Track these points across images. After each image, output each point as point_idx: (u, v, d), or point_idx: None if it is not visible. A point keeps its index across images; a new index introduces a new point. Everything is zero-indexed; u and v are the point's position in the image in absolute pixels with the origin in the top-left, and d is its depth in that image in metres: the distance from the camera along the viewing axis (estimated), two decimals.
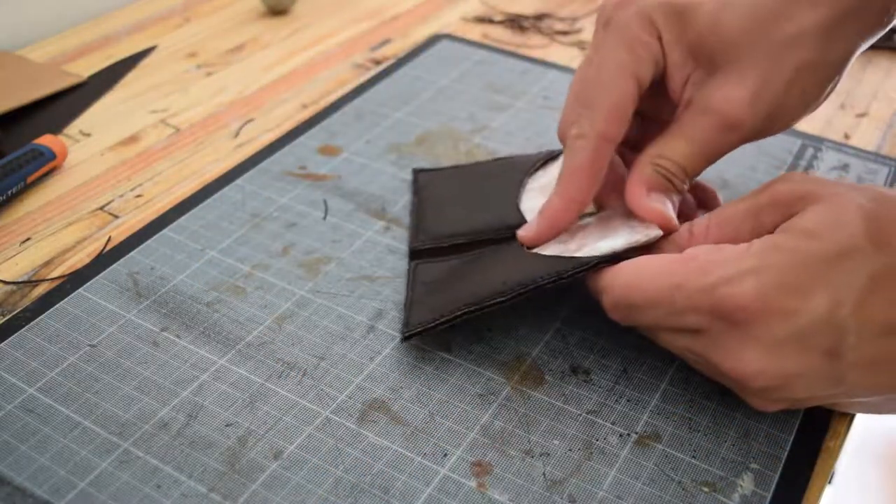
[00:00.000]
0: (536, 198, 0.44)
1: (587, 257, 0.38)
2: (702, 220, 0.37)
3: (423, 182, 0.50)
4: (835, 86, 0.39)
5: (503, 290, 0.38)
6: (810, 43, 0.36)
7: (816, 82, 0.38)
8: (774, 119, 0.38)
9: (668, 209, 0.38)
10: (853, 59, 0.38)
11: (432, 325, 0.38)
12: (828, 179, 0.35)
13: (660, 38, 0.38)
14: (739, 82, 0.37)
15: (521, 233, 0.41)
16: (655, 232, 0.38)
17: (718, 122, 0.37)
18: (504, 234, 0.43)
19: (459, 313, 0.38)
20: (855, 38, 0.38)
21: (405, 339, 0.39)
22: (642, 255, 0.36)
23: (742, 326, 0.32)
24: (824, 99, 0.39)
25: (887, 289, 0.31)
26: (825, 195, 0.33)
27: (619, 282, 0.35)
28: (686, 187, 0.39)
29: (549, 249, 0.40)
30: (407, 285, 0.42)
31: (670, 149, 0.38)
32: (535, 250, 0.40)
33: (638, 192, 0.38)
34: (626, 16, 0.38)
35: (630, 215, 0.39)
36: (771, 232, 0.34)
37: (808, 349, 0.32)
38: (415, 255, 0.44)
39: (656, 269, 0.34)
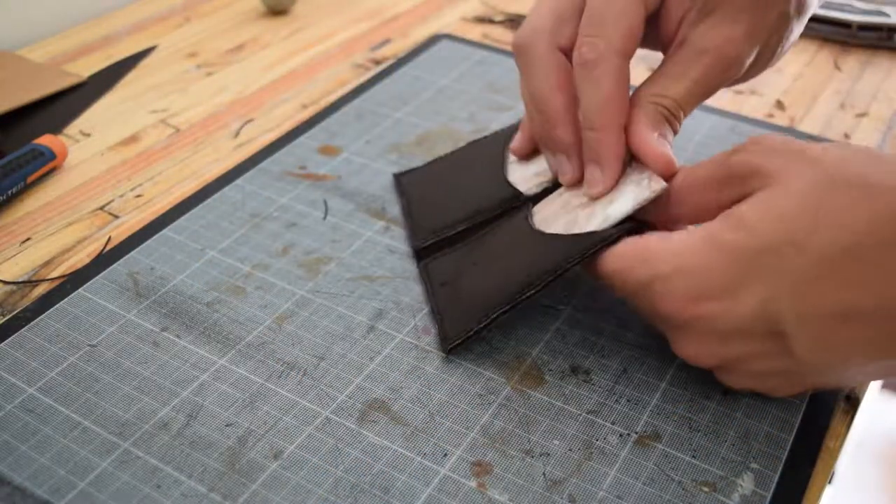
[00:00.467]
0: (522, 168, 0.45)
1: (606, 231, 0.37)
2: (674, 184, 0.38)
3: (406, 183, 0.50)
4: (792, 43, 0.42)
5: (530, 280, 0.38)
6: (788, 3, 0.39)
7: (786, 32, 0.40)
8: (760, 59, 0.40)
9: (671, 152, 0.38)
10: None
11: (472, 332, 0.38)
12: (791, 145, 0.34)
13: None
14: (734, 24, 0.38)
15: (591, 189, 0.39)
16: (661, 185, 0.37)
17: (716, 60, 0.38)
18: (502, 207, 0.43)
19: (495, 315, 0.38)
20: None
21: (449, 352, 0.39)
22: (648, 213, 0.38)
23: (679, 324, 0.34)
24: (783, 53, 0.42)
25: (824, 279, 0.31)
26: (775, 175, 0.33)
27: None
28: (679, 126, 0.40)
29: (559, 223, 0.40)
30: (426, 292, 0.42)
31: (669, 86, 0.39)
32: (543, 228, 0.40)
33: (646, 135, 0.38)
34: None
35: (628, 169, 0.39)
36: (728, 207, 0.34)
37: (748, 336, 0.33)
38: (420, 254, 0.44)
39: (619, 250, 0.36)
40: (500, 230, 0.42)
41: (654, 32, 0.41)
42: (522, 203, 0.43)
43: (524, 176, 0.44)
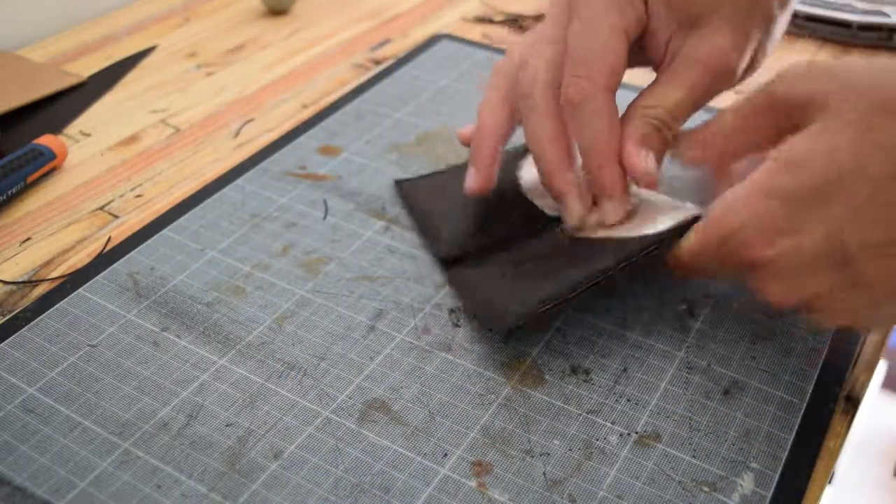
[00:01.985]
0: (538, 186, 0.45)
1: (653, 234, 0.38)
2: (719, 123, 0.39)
3: (412, 191, 0.49)
4: (779, 36, 0.42)
5: (583, 279, 0.38)
6: (771, 3, 0.40)
7: (773, 29, 0.41)
8: (753, 63, 0.41)
9: (653, 167, 0.39)
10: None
11: (536, 310, 0.38)
12: (831, 68, 0.35)
13: (645, 1, 0.40)
14: (722, 35, 0.39)
15: (608, 219, 0.41)
16: (698, 212, 0.39)
17: (707, 70, 0.40)
18: (528, 225, 0.44)
19: (561, 300, 0.38)
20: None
21: (510, 331, 0.40)
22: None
23: (758, 268, 0.35)
24: (773, 48, 0.43)
25: (881, 205, 0.32)
26: (820, 105, 0.34)
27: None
28: (672, 136, 0.40)
29: (599, 237, 0.41)
30: (460, 293, 0.43)
31: (662, 96, 0.40)
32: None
33: (631, 151, 0.39)
34: None
35: (665, 205, 0.41)
36: (777, 139, 0.36)
37: (820, 269, 0.34)
38: (448, 263, 0.44)
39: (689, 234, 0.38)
40: (534, 243, 0.42)
41: (642, 53, 0.42)
42: (548, 220, 0.43)
43: (543, 193, 0.44)
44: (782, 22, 0.42)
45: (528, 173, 0.46)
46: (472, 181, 0.43)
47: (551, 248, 0.42)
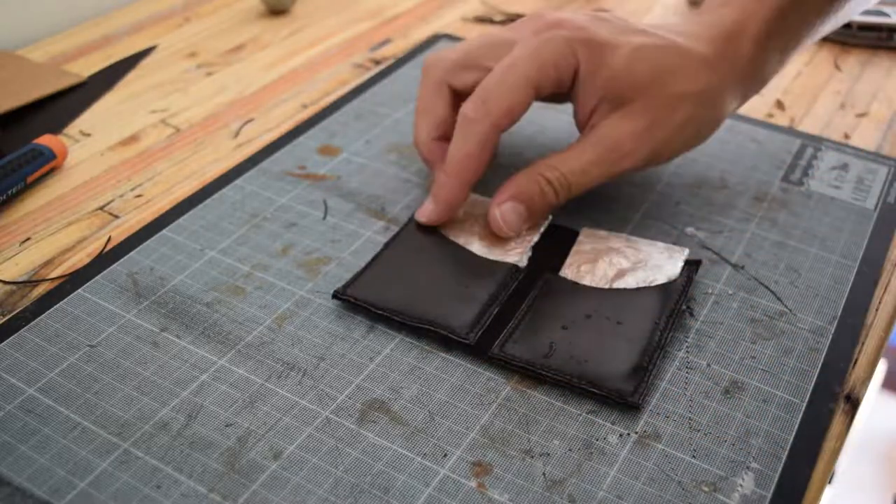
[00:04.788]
0: (487, 247, 0.45)
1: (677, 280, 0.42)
2: None
3: (372, 295, 0.42)
4: (713, 130, 0.47)
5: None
6: (694, 102, 0.44)
7: (696, 132, 0.45)
8: (659, 154, 0.45)
9: (502, 223, 0.44)
10: (732, 113, 0.48)
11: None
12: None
13: (576, 69, 0.44)
14: (635, 120, 0.43)
15: (421, 216, 0.46)
16: (685, 252, 0.44)
17: (611, 149, 0.43)
18: (514, 281, 0.43)
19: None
20: (732, 102, 0.46)
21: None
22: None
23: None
24: (704, 140, 0.46)
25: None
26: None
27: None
28: (561, 200, 0.44)
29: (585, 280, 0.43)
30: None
31: (563, 162, 0.44)
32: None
33: (498, 200, 0.44)
34: (555, 37, 0.43)
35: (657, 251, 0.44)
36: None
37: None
38: (478, 347, 0.40)
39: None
40: (539, 296, 0.42)
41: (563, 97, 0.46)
42: (526, 273, 0.43)
43: (500, 252, 0.44)
44: (716, 120, 0.46)
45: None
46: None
47: (566, 297, 0.42)
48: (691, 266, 0.43)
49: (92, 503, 0.33)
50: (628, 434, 0.36)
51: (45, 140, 0.52)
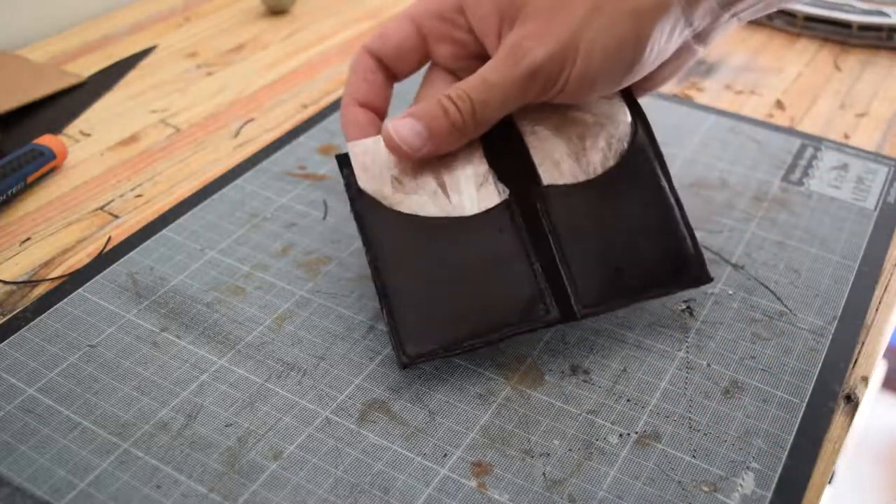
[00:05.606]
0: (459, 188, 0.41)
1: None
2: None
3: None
4: (638, 31, 0.38)
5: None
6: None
7: (609, 24, 0.38)
8: (570, 49, 0.38)
9: (408, 138, 0.40)
10: (652, 38, 0.39)
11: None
12: None
13: (461, 4, 0.42)
14: (531, 21, 0.39)
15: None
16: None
17: (507, 52, 0.39)
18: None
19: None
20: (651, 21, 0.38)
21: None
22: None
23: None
24: (632, 46, 0.38)
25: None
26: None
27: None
28: (467, 119, 0.39)
29: (565, 178, 0.40)
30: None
31: (465, 82, 0.39)
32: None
33: (392, 123, 0.40)
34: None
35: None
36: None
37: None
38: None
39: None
40: (555, 224, 0.40)
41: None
42: (514, 200, 0.40)
43: (465, 196, 0.41)
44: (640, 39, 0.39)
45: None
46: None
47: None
48: (635, 109, 0.42)
49: (92, 503, 0.33)
50: (628, 434, 0.36)
51: (45, 140, 0.52)
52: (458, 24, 0.42)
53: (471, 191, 0.40)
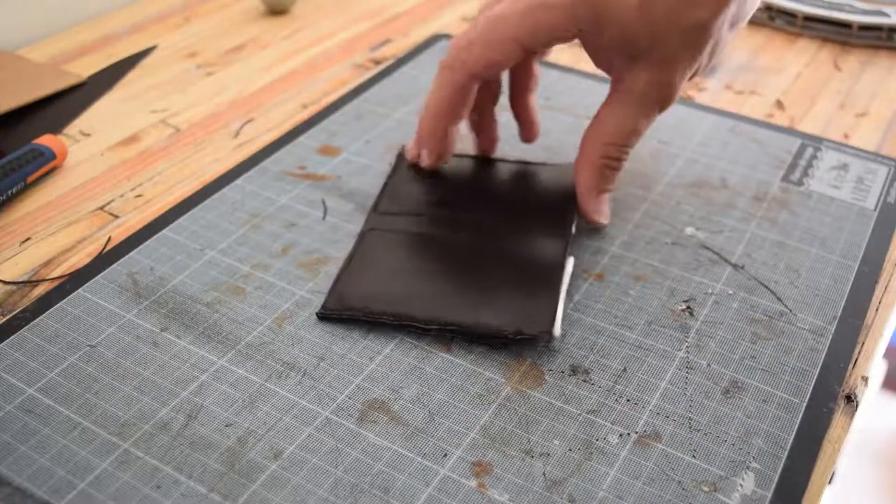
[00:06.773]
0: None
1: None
2: None
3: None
4: (720, 52, 0.44)
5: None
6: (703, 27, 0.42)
7: (706, 57, 0.43)
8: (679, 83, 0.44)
9: (606, 210, 0.47)
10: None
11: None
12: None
13: (580, 30, 0.42)
14: (655, 71, 0.42)
15: (413, 154, 0.49)
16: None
17: (643, 100, 0.43)
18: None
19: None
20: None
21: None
22: None
23: None
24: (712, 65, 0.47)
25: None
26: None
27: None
28: (627, 158, 0.45)
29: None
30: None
31: (612, 134, 0.44)
32: None
33: (589, 198, 0.46)
34: (555, 3, 0.42)
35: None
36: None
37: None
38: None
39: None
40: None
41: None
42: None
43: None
44: (726, 38, 0.44)
45: None
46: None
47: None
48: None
49: (92, 503, 0.33)
50: (628, 434, 0.36)
51: (45, 140, 0.52)
52: (559, 41, 0.44)
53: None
